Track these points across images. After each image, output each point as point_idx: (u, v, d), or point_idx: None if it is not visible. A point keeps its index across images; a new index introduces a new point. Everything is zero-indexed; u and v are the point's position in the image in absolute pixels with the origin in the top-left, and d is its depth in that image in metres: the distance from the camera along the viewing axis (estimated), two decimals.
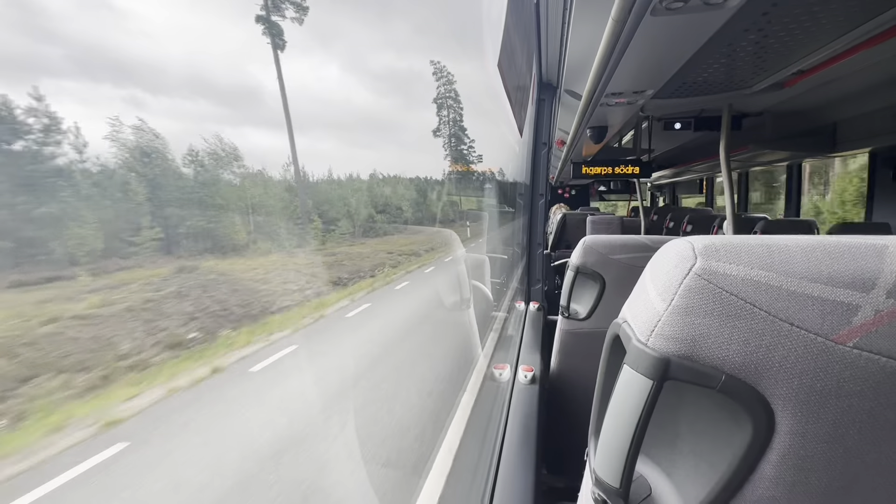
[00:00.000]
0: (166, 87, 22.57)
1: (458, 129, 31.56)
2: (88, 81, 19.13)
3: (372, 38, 41.80)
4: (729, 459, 0.34)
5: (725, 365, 0.32)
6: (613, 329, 0.41)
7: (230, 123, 27.63)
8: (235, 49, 28.03)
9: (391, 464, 3.64)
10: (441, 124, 31.69)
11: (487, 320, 2.76)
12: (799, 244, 0.33)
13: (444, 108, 31.59)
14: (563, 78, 1.84)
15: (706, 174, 5.22)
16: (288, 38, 18.15)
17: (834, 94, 1.92)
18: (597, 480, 0.38)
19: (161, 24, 25.62)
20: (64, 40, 18.03)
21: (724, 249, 0.33)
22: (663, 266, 0.36)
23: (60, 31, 17.86)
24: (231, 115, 27.28)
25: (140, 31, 24.91)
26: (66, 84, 17.50)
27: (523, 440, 1.19)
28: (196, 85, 25.42)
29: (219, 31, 29.98)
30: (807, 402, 0.31)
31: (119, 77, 19.45)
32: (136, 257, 9.70)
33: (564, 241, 4.61)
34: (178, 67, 23.41)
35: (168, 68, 22.55)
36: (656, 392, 0.33)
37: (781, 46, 1.25)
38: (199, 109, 25.22)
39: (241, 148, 16.28)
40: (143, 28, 25.90)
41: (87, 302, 6.44)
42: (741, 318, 0.32)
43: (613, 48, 0.96)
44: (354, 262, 13.23)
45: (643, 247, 1.25)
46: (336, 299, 9.55)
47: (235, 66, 26.71)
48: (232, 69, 26.37)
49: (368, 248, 16.33)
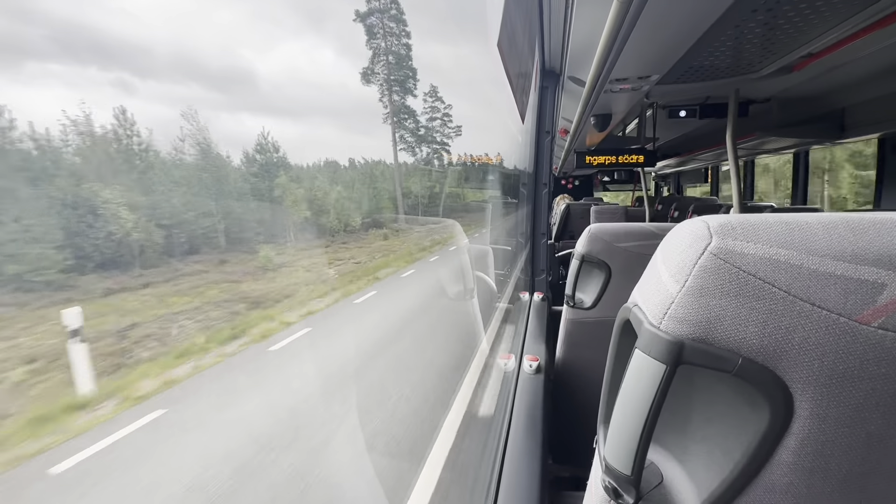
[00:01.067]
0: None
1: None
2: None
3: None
4: (745, 445, 0.33)
5: (742, 348, 0.30)
6: (623, 313, 0.40)
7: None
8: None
9: (389, 451, 3.68)
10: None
11: (491, 310, 2.76)
12: (820, 221, 0.31)
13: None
14: (566, 64, 1.81)
15: (711, 163, 5.16)
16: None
17: (842, 79, 1.88)
18: (607, 468, 0.37)
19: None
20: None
21: (741, 227, 0.32)
22: (677, 246, 0.34)
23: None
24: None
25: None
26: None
27: (529, 430, 1.18)
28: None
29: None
30: (828, 385, 0.30)
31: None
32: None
33: (568, 231, 4.60)
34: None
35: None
36: (669, 376, 0.32)
37: (791, 27, 1.22)
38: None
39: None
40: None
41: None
42: (759, 299, 0.30)
43: (618, 31, 0.94)
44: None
45: (649, 234, 1.24)
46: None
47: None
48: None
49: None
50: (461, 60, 30.50)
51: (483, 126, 29.95)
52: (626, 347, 0.38)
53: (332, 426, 4.32)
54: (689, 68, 1.61)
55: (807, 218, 0.32)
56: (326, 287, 10.03)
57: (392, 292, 9.90)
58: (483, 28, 2.20)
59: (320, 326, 7.34)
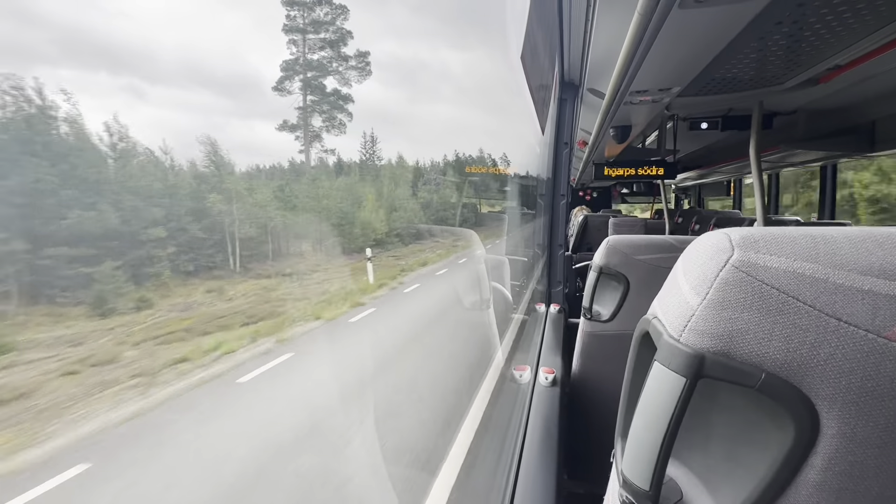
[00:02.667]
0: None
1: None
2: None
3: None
4: (768, 463, 0.32)
5: (765, 362, 0.30)
6: (642, 325, 0.40)
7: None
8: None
9: (404, 461, 3.70)
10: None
11: (506, 321, 2.74)
12: (846, 235, 0.31)
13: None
14: (585, 76, 1.81)
15: (734, 175, 5.07)
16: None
17: (873, 91, 1.84)
18: (624, 482, 0.37)
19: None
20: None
21: (764, 240, 0.31)
22: (697, 258, 0.34)
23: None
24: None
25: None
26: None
27: (544, 443, 1.16)
28: None
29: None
30: (856, 403, 0.29)
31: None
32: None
33: (586, 243, 4.55)
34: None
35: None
36: (690, 390, 0.31)
37: (817, 39, 1.20)
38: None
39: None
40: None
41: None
42: (783, 313, 0.30)
43: (639, 44, 0.94)
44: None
45: (669, 247, 1.22)
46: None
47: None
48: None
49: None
50: (483, 73, 31.25)
51: (502, 135, 30.33)
52: (644, 359, 0.38)
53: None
54: (711, 80, 1.60)
55: (832, 232, 0.31)
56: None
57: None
58: (507, 44, 2.22)
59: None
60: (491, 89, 32.16)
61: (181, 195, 12.59)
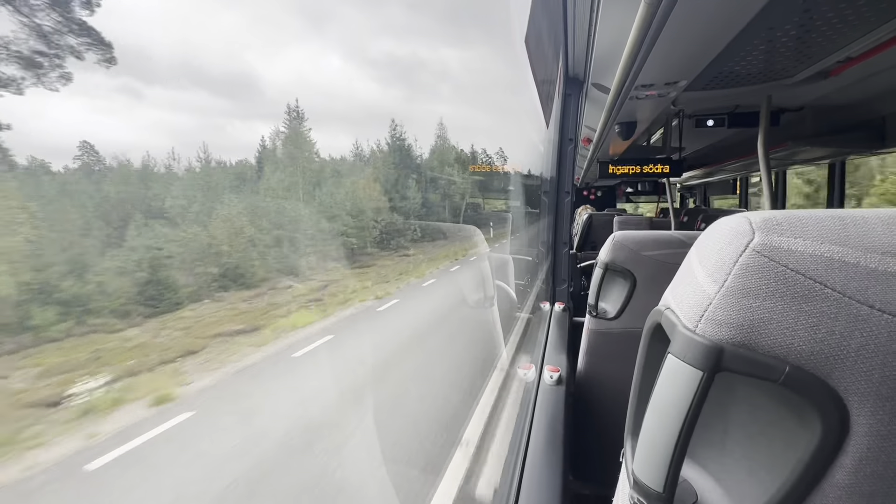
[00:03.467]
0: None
1: None
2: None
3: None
4: (792, 464, 0.29)
5: (790, 354, 0.28)
6: (654, 317, 0.37)
7: None
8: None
9: (405, 460, 3.73)
10: None
11: (511, 320, 2.72)
12: (879, 216, 0.28)
13: None
14: (590, 70, 1.79)
15: (740, 173, 5.02)
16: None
17: (883, 85, 1.80)
18: (636, 483, 0.34)
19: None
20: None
21: (788, 223, 0.29)
22: (715, 243, 0.32)
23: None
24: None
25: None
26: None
27: (549, 443, 1.14)
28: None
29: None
30: (891, 398, 0.27)
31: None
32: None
33: (590, 242, 4.52)
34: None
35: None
36: (707, 384, 0.29)
37: (829, 29, 1.17)
38: None
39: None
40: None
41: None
42: (809, 300, 0.27)
43: (645, 34, 0.91)
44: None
45: (677, 242, 1.20)
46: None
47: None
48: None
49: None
50: (487, 70, 32.69)
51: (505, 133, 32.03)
52: (656, 353, 0.35)
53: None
54: (719, 73, 1.57)
55: (862, 213, 0.29)
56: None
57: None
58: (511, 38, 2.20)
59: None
60: (490, 80, 33.76)
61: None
